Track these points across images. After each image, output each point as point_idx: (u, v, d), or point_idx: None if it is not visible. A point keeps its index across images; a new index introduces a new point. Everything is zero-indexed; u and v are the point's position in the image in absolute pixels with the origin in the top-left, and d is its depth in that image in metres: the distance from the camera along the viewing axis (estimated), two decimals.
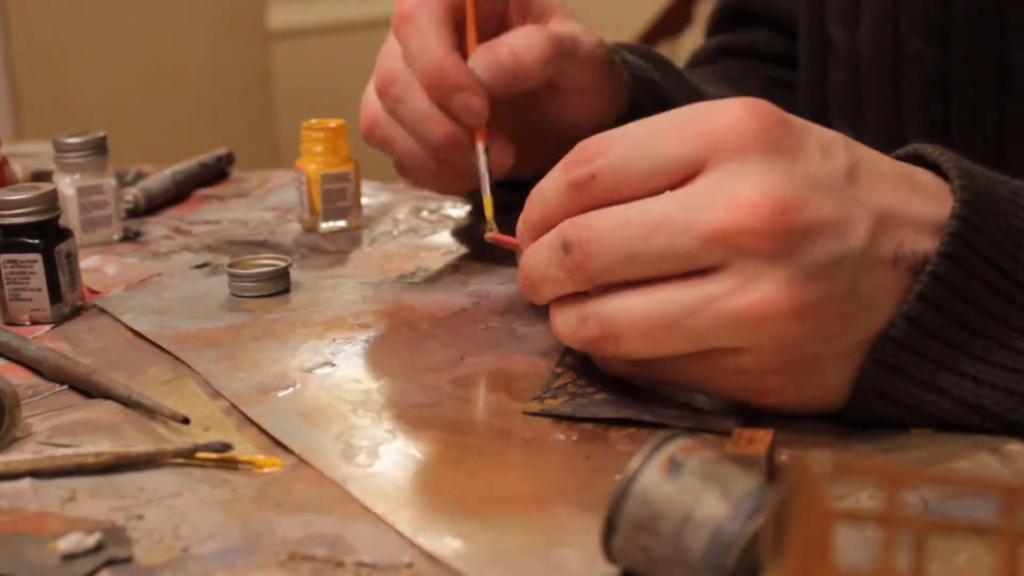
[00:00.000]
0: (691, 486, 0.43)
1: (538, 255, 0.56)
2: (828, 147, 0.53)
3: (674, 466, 0.43)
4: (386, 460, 0.55)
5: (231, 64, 2.59)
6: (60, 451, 0.55)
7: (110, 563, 0.47)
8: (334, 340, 0.68)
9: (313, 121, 0.89)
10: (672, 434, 0.45)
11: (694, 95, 0.84)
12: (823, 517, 0.34)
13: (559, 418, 0.57)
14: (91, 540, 0.48)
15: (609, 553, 0.44)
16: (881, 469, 0.35)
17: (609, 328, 0.54)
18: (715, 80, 0.93)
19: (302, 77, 2.89)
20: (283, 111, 2.64)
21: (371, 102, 0.77)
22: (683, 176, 0.53)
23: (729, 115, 0.52)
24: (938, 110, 0.79)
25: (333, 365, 0.64)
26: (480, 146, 0.72)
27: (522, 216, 0.59)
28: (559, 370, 0.62)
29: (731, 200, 0.50)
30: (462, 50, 0.72)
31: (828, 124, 0.55)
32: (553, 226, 0.56)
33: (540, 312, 0.70)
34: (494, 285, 0.75)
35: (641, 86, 0.80)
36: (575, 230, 0.54)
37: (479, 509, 0.50)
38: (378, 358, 0.65)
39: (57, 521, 0.50)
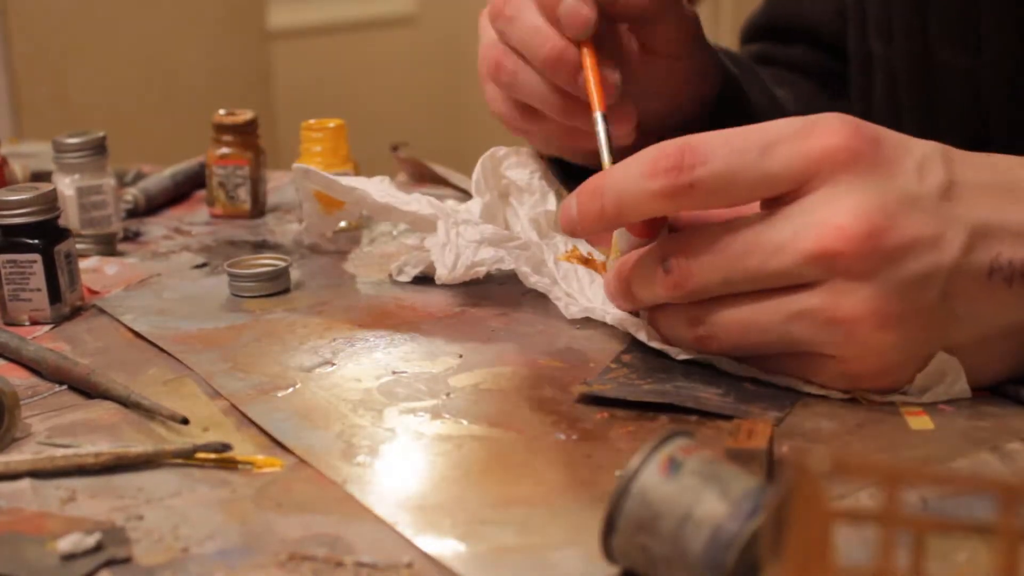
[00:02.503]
0: (690, 486, 0.43)
1: (639, 270, 0.60)
2: (924, 163, 0.55)
3: (673, 466, 0.43)
4: (386, 460, 0.55)
5: (231, 64, 2.59)
6: (60, 451, 0.55)
7: (110, 563, 0.47)
8: (334, 340, 0.68)
9: (312, 121, 0.89)
10: (671, 434, 0.45)
11: (769, 97, 0.86)
12: (822, 517, 0.34)
13: (603, 402, 0.58)
14: (91, 540, 0.48)
15: (609, 553, 0.44)
16: (881, 468, 0.35)
17: (711, 330, 0.58)
18: (775, 83, 0.93)
19: (302, 77, 2.89)
20: (283, 111, 2.64)
21: (491, 41, 0.75)
22: (783, 192, 0.55)
23: (830, 135, 0.54)
24: (975, 119, 0.79)
25: (333, 365, 0.64)
26: (598, 114, 0.69)
27: (586, 206, 0.60)
28: (613, 365, 0.62)
29: (824, 224, 0.53)
30: None
31: None
32: (631, 222, 0.59)
33: (540, 312, 0.70)
34: (494, 285, 0.75)
35: (725, 79, 0.81)
36: (674, 249, 0.58)
37: (479, 509, 0.50)
38: (378, 358, 0.65)
39: (57, 521, 0.50)
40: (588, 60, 0.70)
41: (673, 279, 0.58)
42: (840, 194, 0.53)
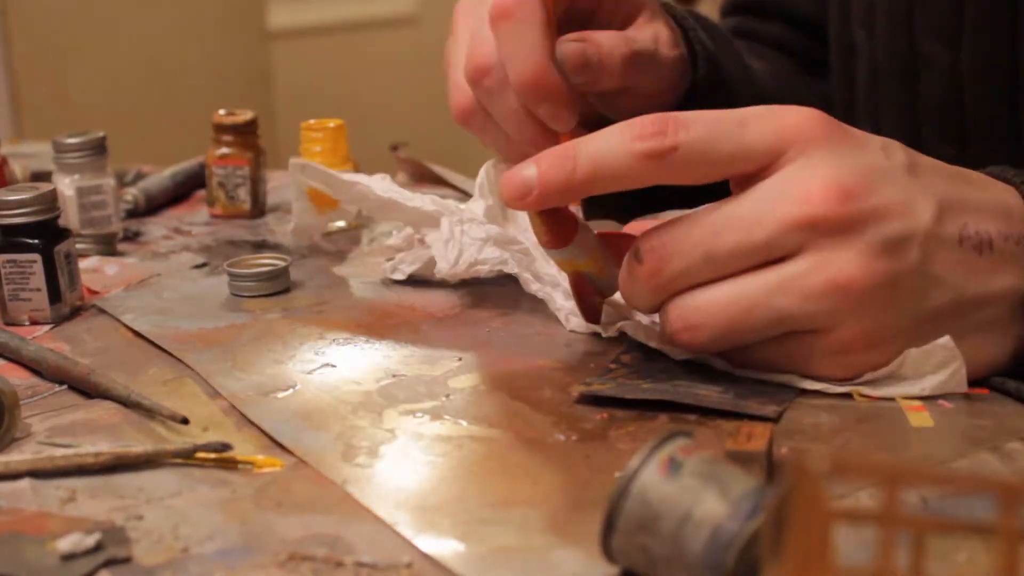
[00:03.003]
0: (690, 486, 0.43)
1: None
2: (887, 145, 0.58)
3: (673, 466, 0.43)
4: (386, 460, 0.55)
5: (231, 64, 2.59)
6: (59, 451, 0.55)
7: (109, 563, 0.47)
8: (334, 340, 0.68)
9: (312, 121, 0.89)
10: (671, 434, 0.45)
11: (743, 69, 0.85)
12: (822, 517, 0.34)
13: (603, 401, 0.58)
14: (90, 540, 0.48)
15: (608, 553, 0.44)
16: (880, 468, 0.35)
17: (689, 320, 0.57)
18: (753, 55, 0.92)
19: (302, 77, 2.89)
20: (283, 111, 2.64)
21: (462, 87, 0.72)
22: (759, 166, 0.56)
23: (801, 116, 0.57)
24: (954, 112, 0.79)
25: (333, 366, 0.64)
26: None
27: (553, 170, 0.58)
28: (613, 366, 0.62)
29: (802, 191, 0.55)
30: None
31: (855, 124, 0.60)
32: (609, 188, 0.58)
33: (539, 313, 0.70)
34: (494, 286, 0.75)
35: (707, 66, 0.80)
36: (647, 239, 0.57)
37: (479, 509, 0.50)
38: (378, 359, 0.65)
39: (57, 521, 0.50)
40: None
41: (649, 267, 0.57)
42: (814, 165, 0.55)
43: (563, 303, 0.68)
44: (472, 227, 0.72)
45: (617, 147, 0.57)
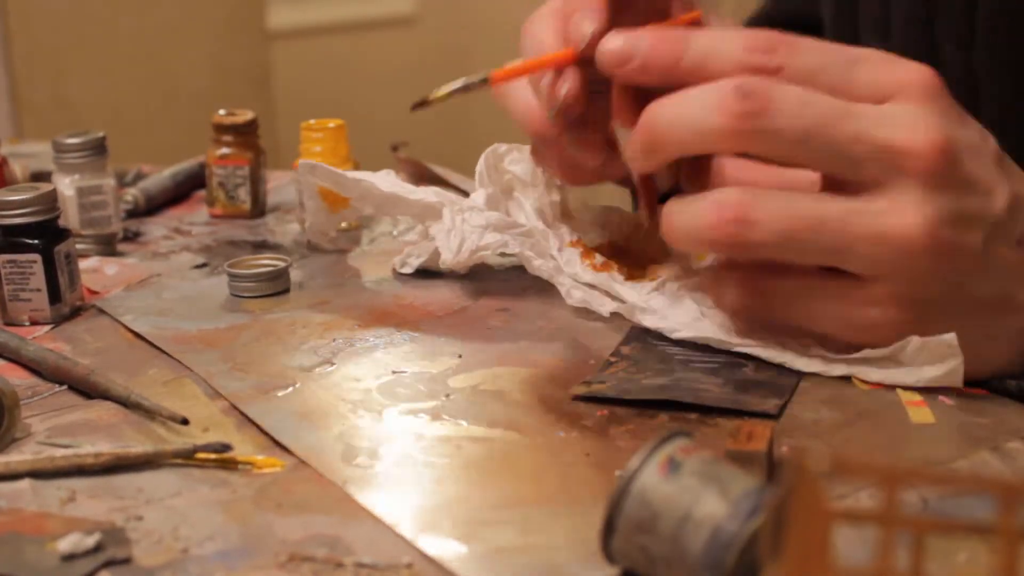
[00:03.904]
0: (690, 486, 0.43)
1: (700, 95, 0.56)
2: (984, 132, 0.58)
3: (673, 466, 0.43)
4: (386, 461, 0.55)
5: (231, 64, 2.59)
6: (59, 452, 0.55)
7: (109, 564, 0.47)
8: (334, 340, 0.68)
9: (312, 121, 0.89)
10: (671, 434, 0.45)
11: None
12: (822, 517, 0.34)
13: (603, 401, 0.58)
14: (90, 541, 0.48)
15: (608, 553, 0.44)
16: (880, 468, 0.35)
17: (747, 211, 0.55)
18: None
19: (302, 77, 2.89)
20: (283, 111, 2.64)
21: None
22: (867, 101, 0.56)
23: (915, 70, 0.57)
24: (972, 114, 0.79)
25: (333, 365, 0.64)
26: None
27: (660, 47, 0.57)
28: (612, 359, 0.62)
29: (912, 126, 0.55)
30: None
31: None
32: (702, 81, 0.56)
33: (540, 310, 0.70)
34: (495, 282, 0.75)
35: None
36: (757, 82, 0.55)
37: (479, 509, 0.50)
38: (378, 358, 0.65)
39: (57, 522, 0.50)
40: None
41: (748, 105, 0.54)
42: (921, 113, 0.55)
43: (564, 279, 0.68)
44: (472, 215, 0.72)
45: (727, 47, 0.57)
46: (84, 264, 0.80)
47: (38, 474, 0.54)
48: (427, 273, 0.76)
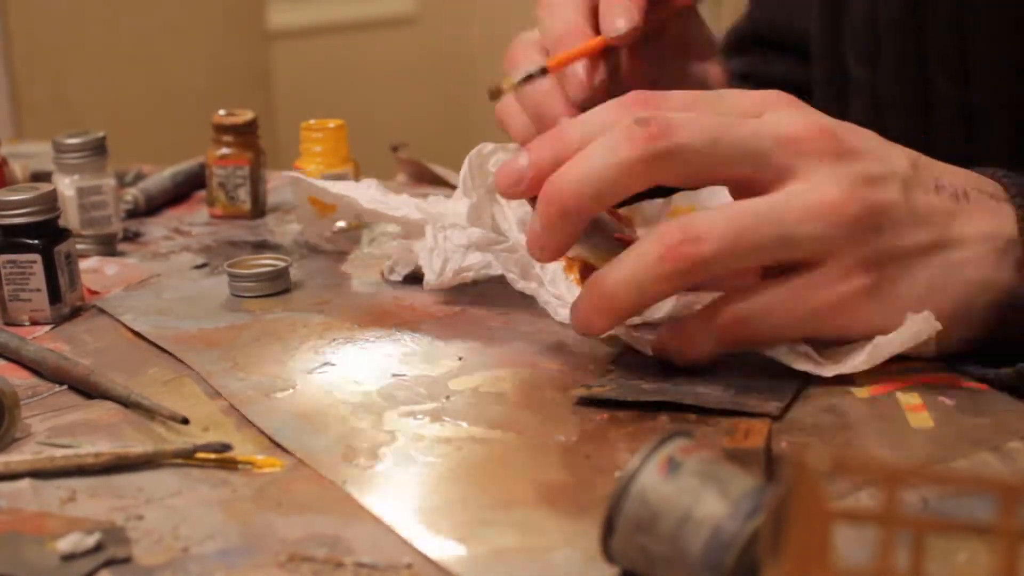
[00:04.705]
0: (689, 486, 0.43)
1: (600, 143, 0.58)
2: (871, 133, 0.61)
3: (672, 466, 0.43)
4: (386, 461, 0.55)
5: (231, 64, 2.59)
6: (60, 451, 0.55)
7: (109, 563, 0.47)
8: (334, 340, 0.68)
9: (312, 122, 0.89)
10: (671, 434, 0.45)
11: None
12: (822, 517, 0.34)
13: (604, 404, 0.58)
14: (91, 540, 0.48)
15: (608, 553, 0.44)
16: (880, 467, 0.35)
17: (692, 229, 0.57)
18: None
19: (302, 77, 2.89)
20: (283, 111, 2.64)
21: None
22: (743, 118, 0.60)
23: (776, 91, 0.62)
24: (962, 147, 0.79)
25: (333, 365, 0.64)
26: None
27: (544, 150, 0.60)
28: (612, 366, 0.62)
29: (792, 121, 0.59)
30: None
31: None
32: (599, 208, 0.60)
33: (539, 313, 0.70)
34: (494, 284, 0.75)
35: None
36: (651, 111, 0.59)
37: (479, 510, 0.50)
38: (378, 359, 0.65)
39: (57, 521, 0.50)
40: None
41: (650, 130, 0.57)
42: (795, 112, 0.60)
43: (550, 297, 0.68)
44: (454, 233, 0.72)
45: (606, 113, 0.60)
46: (84, 264, 0.80)
47: (38, 474, 0.54)
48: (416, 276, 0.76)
